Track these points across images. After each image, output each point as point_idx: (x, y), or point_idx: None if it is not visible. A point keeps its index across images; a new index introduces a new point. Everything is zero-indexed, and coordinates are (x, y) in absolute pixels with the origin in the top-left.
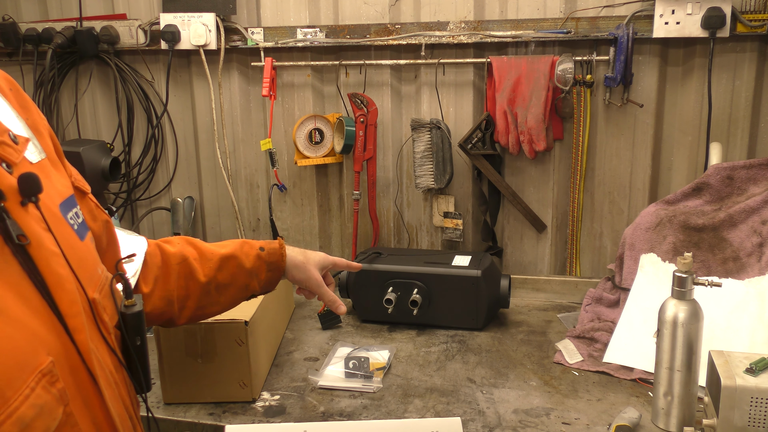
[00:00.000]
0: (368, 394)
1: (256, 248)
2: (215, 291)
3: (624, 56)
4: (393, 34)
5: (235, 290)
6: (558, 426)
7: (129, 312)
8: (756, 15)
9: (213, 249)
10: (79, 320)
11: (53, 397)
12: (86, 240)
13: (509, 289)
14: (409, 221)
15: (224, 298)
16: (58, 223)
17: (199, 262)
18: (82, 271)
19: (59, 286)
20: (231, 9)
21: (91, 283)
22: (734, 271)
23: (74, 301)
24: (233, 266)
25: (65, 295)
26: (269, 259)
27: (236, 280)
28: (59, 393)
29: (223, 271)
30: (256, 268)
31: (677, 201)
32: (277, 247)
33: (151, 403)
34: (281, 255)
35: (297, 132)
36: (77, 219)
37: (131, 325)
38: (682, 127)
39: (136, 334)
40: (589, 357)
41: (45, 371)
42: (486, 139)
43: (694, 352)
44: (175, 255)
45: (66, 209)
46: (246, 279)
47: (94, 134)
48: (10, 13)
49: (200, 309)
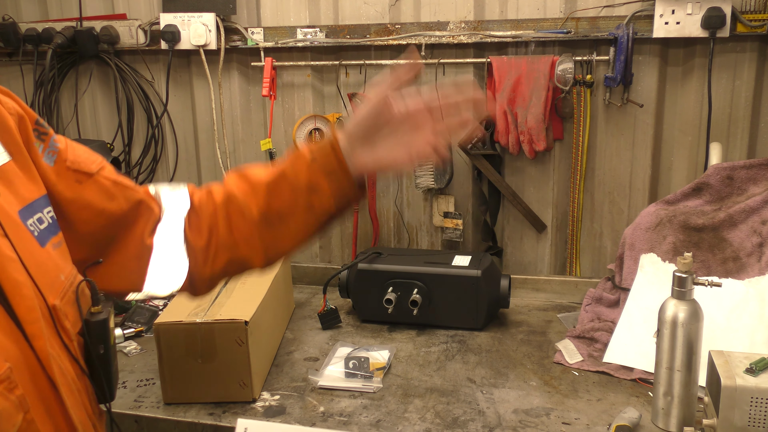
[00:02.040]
0: (368, 394)
1: (307, 160)
2: (278, 222)
3: (624, 56)
4: (393, 34)
5: (301, 213)
6: (558, 426)
7: (93, 319)
8: (756, 15)
9: (260, 176)
10: (37, 326)
11: (11, 403)
12: (47, 246)
13: (509, 289)
14: (409, 221)
15: (293, 226)
16: (16, 229)
17: (249, 196)
18: (41, 278)
19: (16, 292)
20: (231, 9)
21: (51, 289)
22: (734, 271)
23: (32, 307)
24: (285, 188)
25: (22, 301)
26: (326, 169)
27: (295, 203)
28: (18, 400)
29: (275, 197)
30: (313, 182)
31: (677, 201)
32: (329, 150)
33: (151, 403)
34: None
35: (297, 132)
36: (39, 225)
37: (95, 332)
38: (682, 127)
39: (99, 342)
40: (589, 357)
41: (2, 377)
42: (486, 139)
43: (694, 352)
44: (222, 195)
45: (27, 215)
46: (305, 198)
47: (94, 134)
48: (10, 13)
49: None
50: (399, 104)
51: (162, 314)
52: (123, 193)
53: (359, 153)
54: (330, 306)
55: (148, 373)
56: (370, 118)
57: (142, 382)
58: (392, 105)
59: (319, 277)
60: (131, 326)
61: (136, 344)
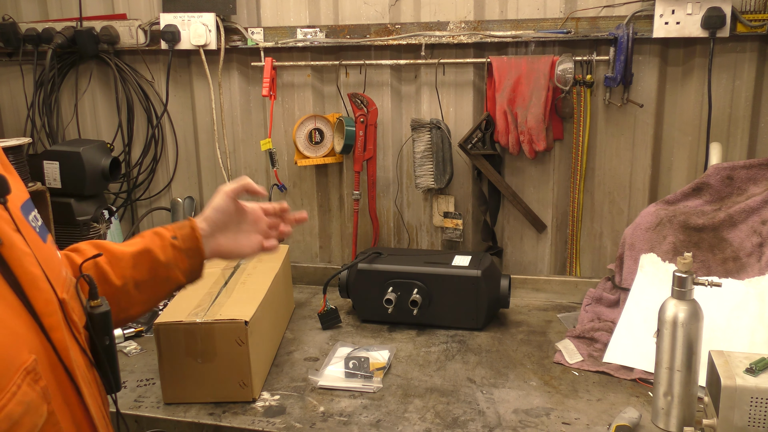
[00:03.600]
0: (368, 394)
1: (168, 238)
2: (135, 290)
3: (624, 56)
4: (393, 34)
5: (157, 284)
6: (558, 426)
7: (96, 312)
8: (756, 15)
9: (123, 249)
10: (55, 319)
11: (38, 394)
12: (48, 242)
13: (509, 289)
14: (409, 221)
15: (146, 294)
16: (23, 225)
17: (110, 265)
18: (50, 272)
19: (33, 286)
20: (231, 9)
21: (58, 283)
22: (734, 271)
23: (49, 300)
24: (148, 261)
25: (40, 294)
26: (185, 246)
27: (156, 275)
28: (42, 391)
29: (139, 268)
30: (173, 258)
31: (677, 201)
32: (190, 231)
33: (151, 403)
34: (196, 239)
35: (297, 132)
36: (37, 221)
37: (99, 325)
38: (682, 127)
39: (104, 333)
40: (589, 357)
41: (29, 369)
42: (486, 139)
43: (694, 352)
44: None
45: (26, 211)
46: (165, 271)
47: (94, 134)
48: (10, 13)
49: (123, 312)
50: (243, 204)
51: (162, 314)
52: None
53: (214, 238)
54: (330, 306)
55: (148, 373)
56: (223, 209)
57: (142, 382)
58: (238, 203)
59: (319, 277)
60: (131, 326)
61: (136, 344)
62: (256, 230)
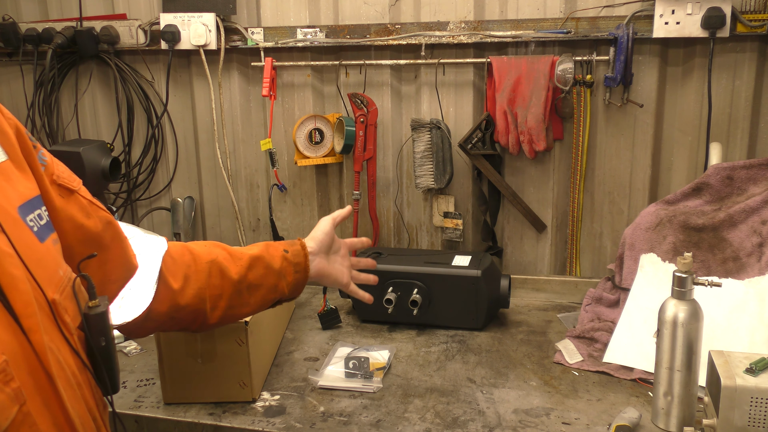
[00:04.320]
0: (368, 394)
1: (280, 250)
2: (246, 291)
3: (624, 56)
4: (393, 34)
5: (265, 291)
6: (558, 426)
7: (92, 313)
8: (756, 15)
9: (241, 249)
10: (34, 320)
11: (7, 396)
12: (47, 241)
13: (509, 289)
14: (409, 221)
15: (254, 298)
16: (14, 225)
17: (229, 261)
18: (40, 272)
19: (12, 287)
20: (231, 9)
21: (50, 284)
22: (734, 271)
23: (28, 301)
24: (262, 266)
25: (19, 295)
26: (294, 260)
27: (266, 281)
28: (14, 392)
29: (253, 270)
30: (283, 269)
31: (677, 201)
32: (300, 249)
33: (151, 403)
34: (305, 256)
35: (297, 132)
36: (39, 221)
37: (95, 326)
38: (682, 127)
39: (100, 335)
40: (589, 357)
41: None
42: (486, 139)
43: (694, 352)
44: (204, 254)
45: (26, 211)
46: (275, 279)
47: (94, 134)
48: (10, 13)
49: (231, 309)
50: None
51: None
52: (96, 213)
53: (318, 258)
54: (330, 306)
55: (148, 373)
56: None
57: (142, 382)
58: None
59: None
60: None
61: (136, 344)
62: (343, 263)
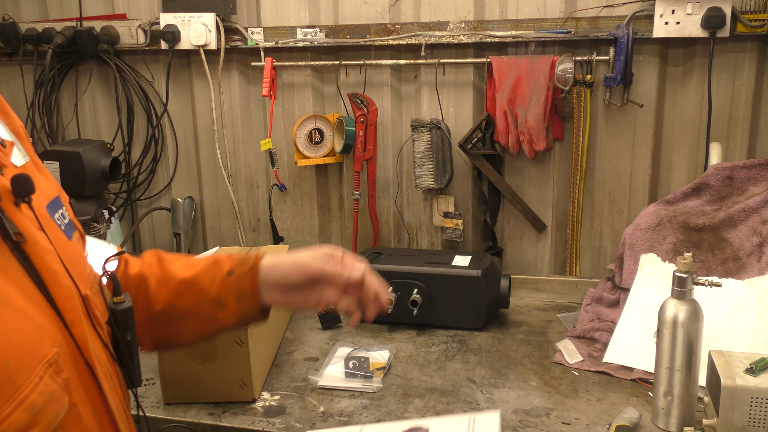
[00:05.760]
0: (368, 394)
1: (224, 271)
2: (176, 320)
3: (624, 56)
4: (393, 34)
5: (198, 322)
6: (558, 426)
7: (118, 308)
8: (756, 15)
9: (176, 270)
10: (76, 314)
11: (59, 386)
12: (73, 239)
13: (509, 289)
14: (409, 221)
15: (189, 328)
16: (47, 223)
17: (158, 286)
18: (73, 269)
19: (55, 282)
20: (231, 9)
21: (81, 280)
22: (734, 271)
23: (71, 296)
24: (194, 293)
25: (61, 290)
26: (237, 285)
27: (200, 310)
28: (64, 383)
29: (182, 297)
30: (222, 297)
31: (677, 201)
32: (247, 272)
33: (151, 403)
34: (251, 283)
35: (297, 132)
36: (63, 219)
37: (121, 320)
38: (682, 127)
39: (126, 329)
40: (589, 357)
41: (51, 361)
42: (486, 139)
43: (694, 352)
44: (134, 276)
45: (52, 210)
46: (210, 309)
47: (94, 134)
48: (10, 13)
49: (162, 339)
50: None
51: None
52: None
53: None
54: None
55: (148, 373)
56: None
57: (142, 382)
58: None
59: None
60: None
61: None
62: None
